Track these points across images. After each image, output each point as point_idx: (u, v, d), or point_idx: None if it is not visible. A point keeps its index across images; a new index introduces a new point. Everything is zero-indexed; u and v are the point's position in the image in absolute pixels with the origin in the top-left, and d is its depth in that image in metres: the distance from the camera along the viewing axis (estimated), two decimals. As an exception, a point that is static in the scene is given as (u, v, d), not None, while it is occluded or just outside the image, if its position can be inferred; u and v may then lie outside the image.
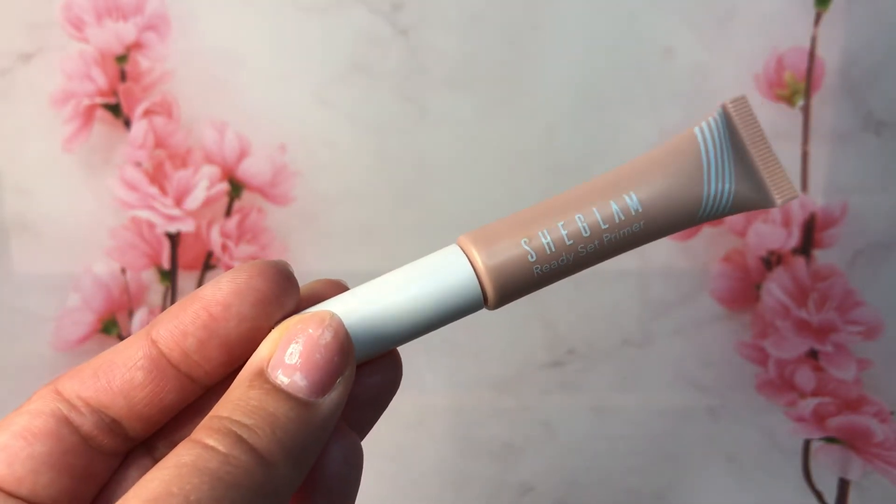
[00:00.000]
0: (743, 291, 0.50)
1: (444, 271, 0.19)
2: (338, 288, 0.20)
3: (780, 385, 0.49)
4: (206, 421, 0.16)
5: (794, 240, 0.50)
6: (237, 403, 0.16)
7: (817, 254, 0.50)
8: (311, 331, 0.17)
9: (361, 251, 0.49)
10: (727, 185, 0.21)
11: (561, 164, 0.49)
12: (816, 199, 0.49)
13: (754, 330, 0.50)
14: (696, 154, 0.21)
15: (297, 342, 0.17)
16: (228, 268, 0.49)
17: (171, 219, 0.49)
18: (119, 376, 0.18)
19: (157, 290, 0.50)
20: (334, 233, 0.49)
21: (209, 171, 0.49)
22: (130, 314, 0.50)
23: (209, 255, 0.50)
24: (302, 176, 0.49)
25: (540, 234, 0.19)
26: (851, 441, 0.45)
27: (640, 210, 0.20)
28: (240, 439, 0.16)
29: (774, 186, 0.21)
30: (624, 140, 0.48)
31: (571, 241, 0.19)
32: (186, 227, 0.49)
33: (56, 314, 0.50)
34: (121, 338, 0.50)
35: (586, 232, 0.19)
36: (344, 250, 0.50)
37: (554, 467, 0.44)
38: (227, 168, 0.49)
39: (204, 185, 0.49)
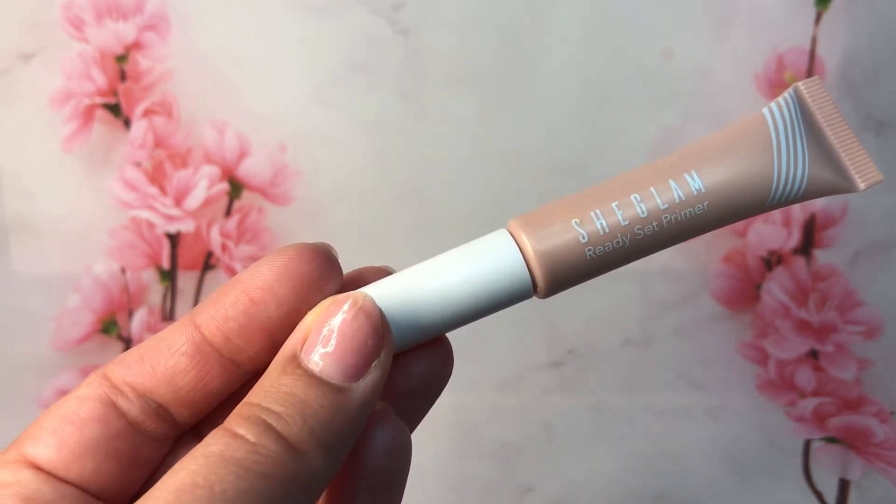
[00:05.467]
0: (743, 291, 0.50)
1: (491, 256, 0.18)
2: (383, 275, 0.20)
3: (781, 385, 0.49)
4: (238, 408, 0.16)
5: (795, 240, 0.50)
6: (268, 390, 0.16)
7: (817, 254, 0.50)
8: (343, 313, 0.17)
9: (361, 251, 0.49)
10: (800, 169, 0.19)
11: (561, 163, 0.49)
12: (816, 200, 0.49)
13: (754, 330, 0.50)
14: (765, 135, 0.19)
15: (329, 325, 0.17)
16: (229, 268, 0.49)
17: (171, 219, 0.49)
18: (163, 362, 0.18)
19: (157, 290, 0.50)
20: (334, 233, 0.49)
21: (209, 171, 0.49)
22: (130, 314, 0.50)
23: (209, 255, 0.50)
24: (302, 176, 0.49)
25: (592, 214, 0.18)
26: (851, 441, 0.45)
27: (703, 191, 0.18)
28: (269, 427, 0.15)
29: (856, 170, 0.20)
30: (624, 140, 0.48)
31: (627, 222, 0.18)
32: (186, 227, 0.49)
33: (56, 314, 0.50)
34: (120, 338, 0.50)
35: (643, 213, 0.18)
36: (344, 250, 0.49)
37: (554, 467, 0.44)
38: (227, 168, 0.49)
39: (204, 185, 0.49)
